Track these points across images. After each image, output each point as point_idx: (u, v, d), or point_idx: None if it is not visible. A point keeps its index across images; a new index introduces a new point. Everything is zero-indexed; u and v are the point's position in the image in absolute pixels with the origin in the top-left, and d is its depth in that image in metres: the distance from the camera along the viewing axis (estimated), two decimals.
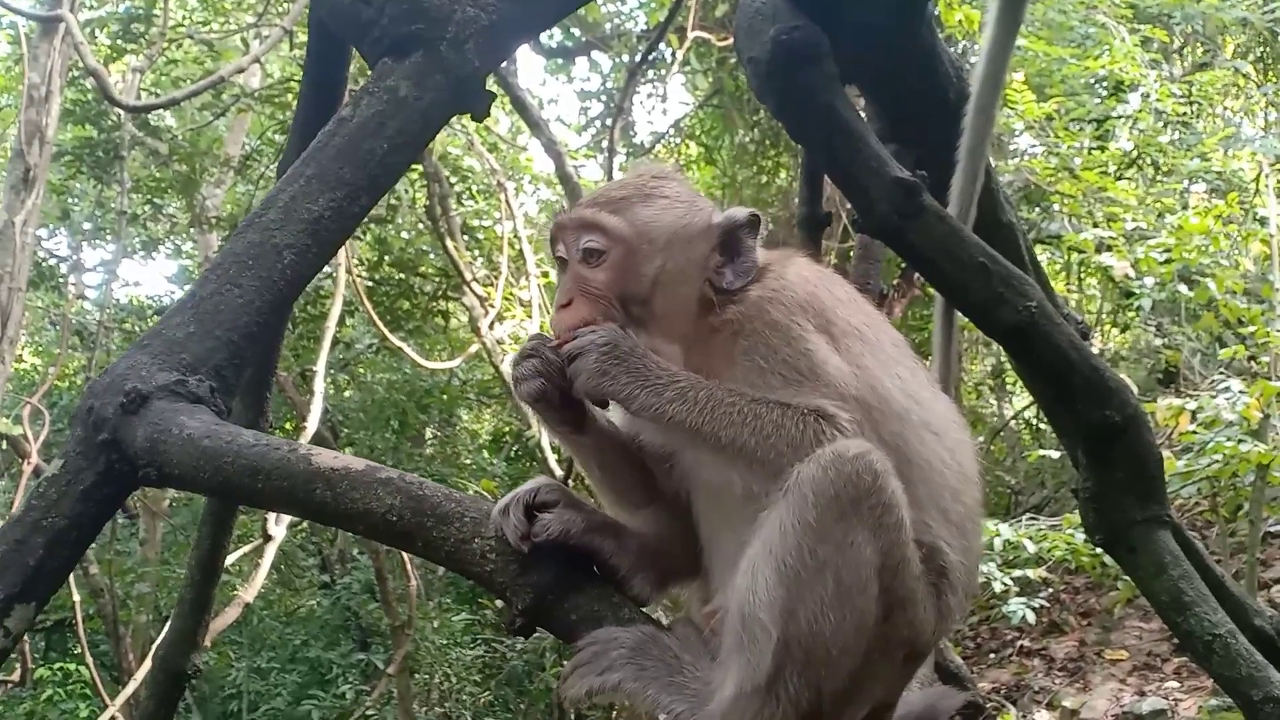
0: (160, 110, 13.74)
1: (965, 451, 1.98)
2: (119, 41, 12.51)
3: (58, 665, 13.40)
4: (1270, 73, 13.29)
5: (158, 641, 4.28)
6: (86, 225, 15.26)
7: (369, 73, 2.48)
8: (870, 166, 3.13)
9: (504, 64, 9.69)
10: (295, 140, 3.06)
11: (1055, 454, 9.65)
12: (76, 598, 9.77)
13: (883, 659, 1.77)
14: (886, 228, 2.90)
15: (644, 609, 1.85)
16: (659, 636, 1.75)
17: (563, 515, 1.79)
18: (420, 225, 14.54)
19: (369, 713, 12.46)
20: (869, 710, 1.83)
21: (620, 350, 1.79)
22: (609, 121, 13.10)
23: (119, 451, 1.94)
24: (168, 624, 3.91)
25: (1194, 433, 8.08)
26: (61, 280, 14.65)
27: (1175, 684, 8.43)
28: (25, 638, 9.33)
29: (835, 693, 1.70)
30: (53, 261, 15.08)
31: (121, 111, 11.83)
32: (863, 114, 3.84)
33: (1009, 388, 14.18)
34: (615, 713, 11.85)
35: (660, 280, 1.93)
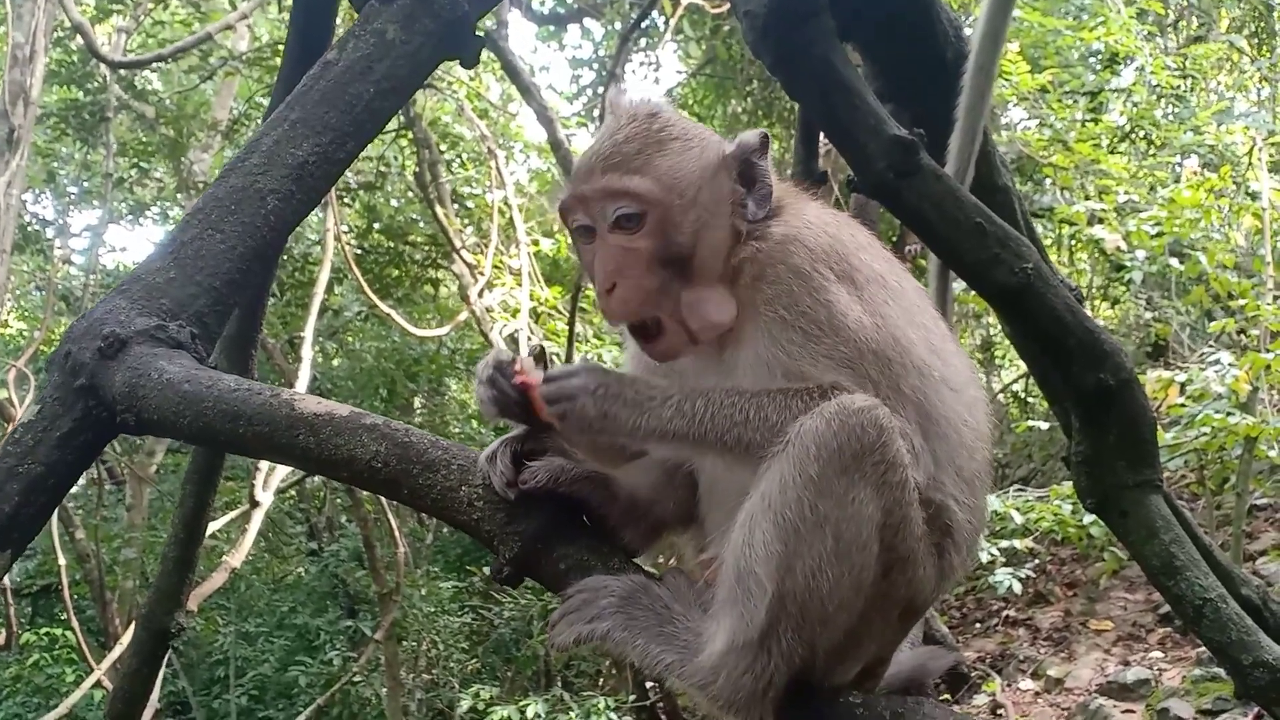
0: (146, 72, 13.60)
1: (980, 409, 1.93)
2: (104, 2, 12.33)
3: (44, 630, 13.40)
4: (1264, 47, 13.24)
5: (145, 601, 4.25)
6: (72, 189, 15.11)
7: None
8: (868, 124, 3.08)
9: (496, 28, 9.58)
10: (281, 89, 3.00)
11: (1043, 425, 9.67)
12: (62, 562, 9.70)
13: (879, 616, 1.73)
14: (883, 186, 2.85)
15: (634, 560, 1.82)
16: (650, 586, 1.71)
17: (552, 463, 1.75)
18: (410, 193, 14.44)
19: (356, 679, 12.48)
20: (863, 666, 1.80)
21: (610, 389, 1.72)
22: (601, 90, 13.00)
23: (96, 397, 1.89)
24: (152, 583, 3.88)
25: (1182, 405, 8.09)
26: (47, 244, 14.52)
27: (1159, 654, 8.49)
28: (11, 602, 9.31)
29: (829, 648, 1.67)
30: (38, 225, 14.94)
31: (107, 73, 11.69)
32: (860, 72, 3.80)
33: (997, 361, 14.20)
34: (602, 680, 11.90)
35: (700, 230, 1.85)
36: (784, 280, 1.79)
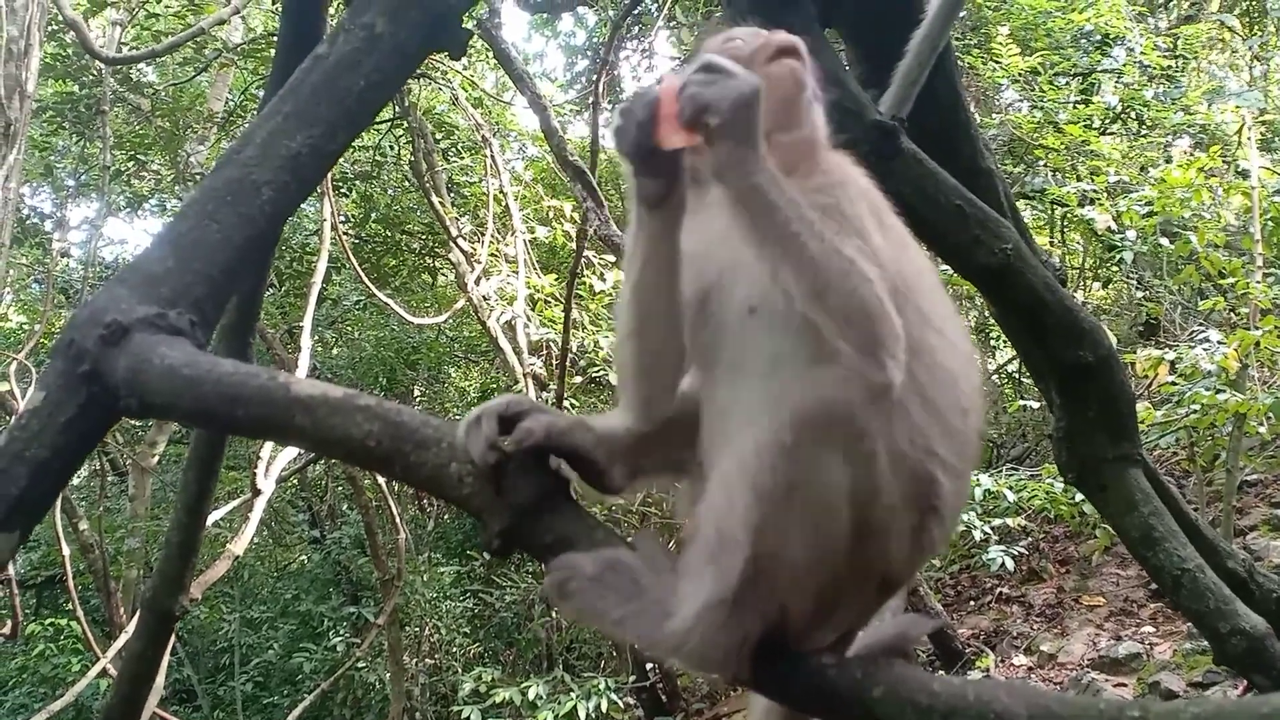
0: (142, 65, 13.62)
1: (974, 373, 1.93)
2: None
3: (49, 620, 13.50)
4: (1255, 26, 13.26)
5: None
6: (70, 182, 15.13)
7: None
8: (848, 109, 3.16)
9: (488, 16, 9.60)
10: (276, 79, 3.07)
11: (1036, 404, 9.75)
12: (66, 553, 9.78)
13: (854, 587, 1.75)
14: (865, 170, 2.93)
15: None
16: (619, 560, 1.75)
17: (540, 419, 1.80)
18: (406, 182, 14.48)
19: (359, 665, 12.59)
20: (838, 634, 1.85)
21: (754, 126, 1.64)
22: (595, 77, 13.02)
23: (100, 383, 1.95)
24: (155, 567, 3.96)
25: (1173, 383, 8.17)
26: (46, 237, 14.55)
27: (1151, 629, 8.58)
28: (17, 593, 9.39)
29: (801, 612, 1.72)
30: (36, 219, 14.98)
31: (102, 66, 11.72)
32: (843, 58, 3.86)
33: (993, 343, 14.24)
34: (603, 662, 12.01)
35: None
36: (830, 186, 1.80)
